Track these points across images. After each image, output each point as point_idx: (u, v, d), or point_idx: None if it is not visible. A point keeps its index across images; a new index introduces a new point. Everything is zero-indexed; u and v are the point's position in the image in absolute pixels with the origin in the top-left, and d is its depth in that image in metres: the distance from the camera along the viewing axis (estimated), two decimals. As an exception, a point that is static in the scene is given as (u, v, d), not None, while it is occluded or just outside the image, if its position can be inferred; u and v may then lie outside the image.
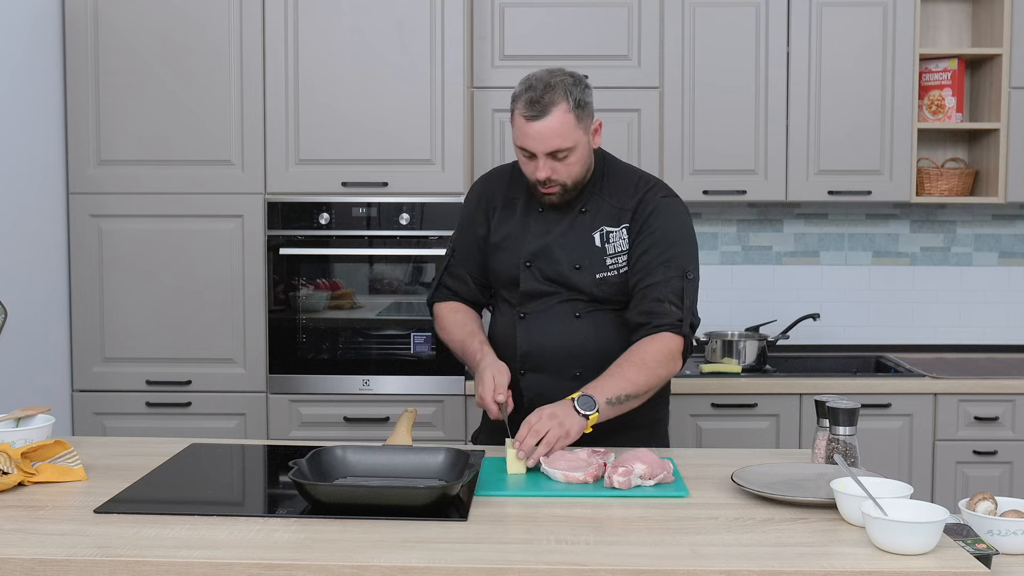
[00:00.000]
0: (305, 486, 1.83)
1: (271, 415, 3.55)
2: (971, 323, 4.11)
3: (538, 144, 2.25)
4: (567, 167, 2.29)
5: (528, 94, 2.24)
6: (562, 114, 2.23)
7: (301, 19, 3.50)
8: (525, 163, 2.33)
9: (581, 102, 2.26)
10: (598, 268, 2.36)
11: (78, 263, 3.56)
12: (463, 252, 2.52)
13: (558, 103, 2.22)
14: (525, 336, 2.41)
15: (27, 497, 1.92)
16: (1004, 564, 1.71)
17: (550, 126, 2.23)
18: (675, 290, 2.32)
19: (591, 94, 2.31)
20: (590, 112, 2.29)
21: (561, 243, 2.38)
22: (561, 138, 2.24)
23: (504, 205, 2.46)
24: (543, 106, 2.22)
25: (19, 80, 3.29)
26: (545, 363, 2.39)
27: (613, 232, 2.37)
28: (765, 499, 1.90)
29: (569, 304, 2.39)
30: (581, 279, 2.36)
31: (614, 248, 2.36)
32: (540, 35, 3.67)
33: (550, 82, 2.24)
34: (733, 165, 3.72)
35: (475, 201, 2.52)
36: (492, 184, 2.52)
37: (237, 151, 3.52)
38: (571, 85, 2.26)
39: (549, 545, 1.66)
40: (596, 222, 2.38)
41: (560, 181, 2.31)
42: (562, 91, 2.23)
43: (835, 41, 3.70)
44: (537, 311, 2.40)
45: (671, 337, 2.30)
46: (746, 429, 3.52)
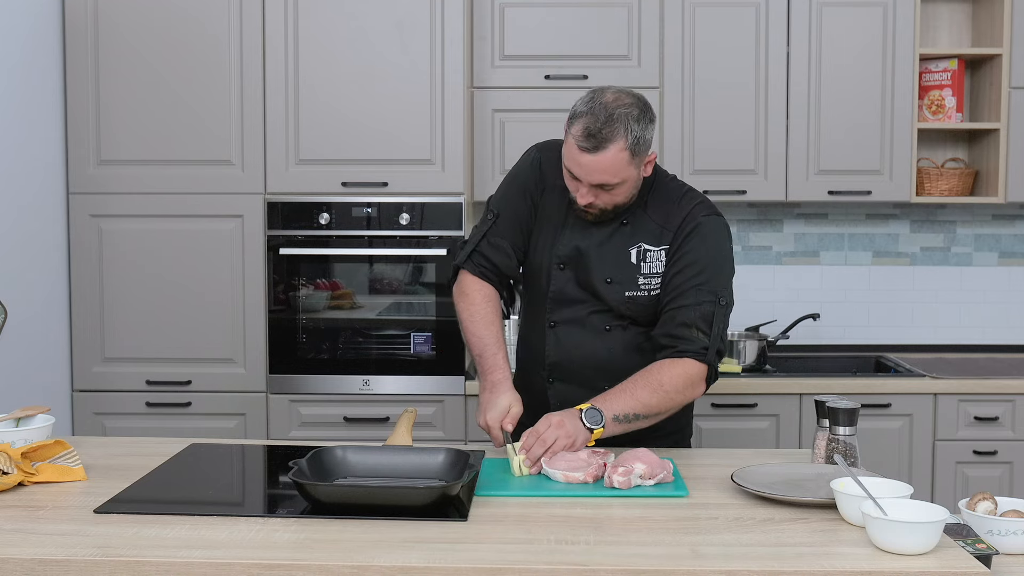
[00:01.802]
0: (305, 486, 1.83)
1: (271, 415, 3.55)
2: (971, 323, 4.11)
3: (585, 175, 2.18)
4: (612, 196, 2.22)
5: (586, 121, 2.13)
6: (617, 152, 2.13)
7: (301, 18, 3.50)
8: (569, 180, 2.24)
9: (640, 140, 2.15)
10: (629, 286, 2.29)
11: (78, 263, 3.56)
12: (508, 220, 2.37)
13: (616, 140, 2.12)
14: (554, 346, 2.36)
15: (27, 497, 1.92)
16: (1004, 564, 1.71)
17: (601, 163, 2.14)
18: (704, 315, 2.23)
19: (653, 128, 2.20)
20: (647, 146, 2.19)
21: (596, 252, 2.30)
22: (611, 175, 2.16)
23: (553, 191, 2.35)
24: (599, 140, 2.12)
25: (19, 80, 3.29)
26: (573, 374, 2.35)
27: (651, 251, 2.29)
28: (765, 499, 1.90)
29: (599, 316, 2.33)
30: (610, 293, 2.30)
31: (650, 268, 2.29)
32: (540, 35, 3.67)
33: (613, 114, 2.13)
34: (733, 165, 3.72)
35: (532, 170, 2.38)
36: (551, 159, 2.37)
37: (237, 151, 3.52)
38: (634, 120, 2.14)
39: (549, 545, 1.66)
40: (635, 237, 2.30)
41: (601, 207, 2.24)
42: (623, 127, 2.12)
43: (835, 41, 3.70)
44: (567, 320, 2.35)
45: (693, 364, 2.22)
46: (746, 429, 3.52)
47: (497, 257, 2.37)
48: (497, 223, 2.38)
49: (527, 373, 2.42)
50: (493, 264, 2.38)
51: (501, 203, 2.40)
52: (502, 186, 2.43)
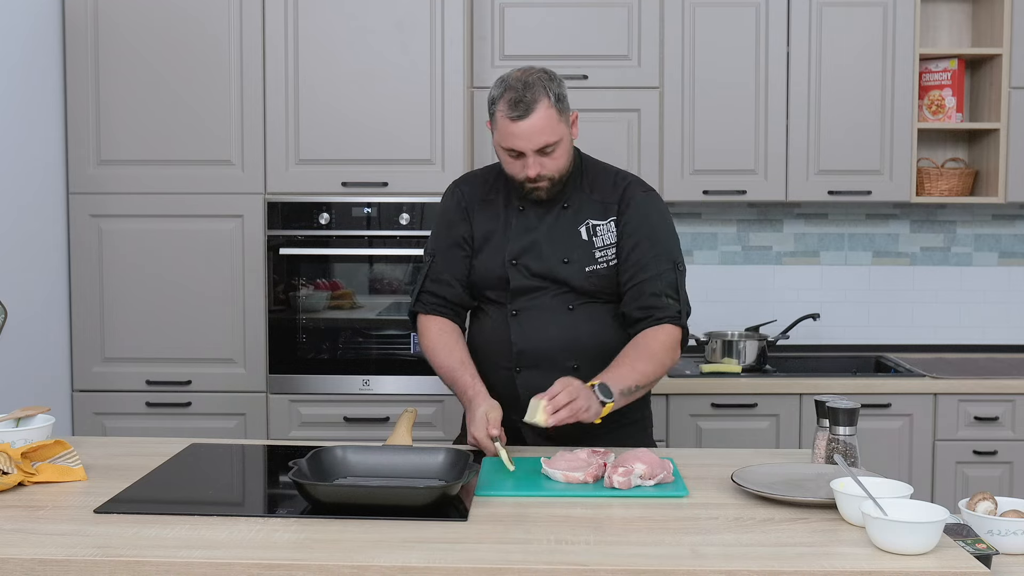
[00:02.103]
0: (305, 486, 1.83)
1: (271, 415, 3.55)
2: (971, 323, 4.11)
3: (526, 142, 2.27)
4: (555, 161, 2.32)
5: (509, 94, 2.27)
6: (545, 110, 2.26)
7: (301, 19, 3.50)
8: (511, 163, 2.33)
9: (560, 96, 2.29)
10: (587, 261, 2.37)
11: (78, 263, 3.56)
12: (444, 255, 2.47)
13: (540, 99, 2.26)
14: (519, 333, 2.40)
15: (27, 497, 1.92)
16: (1004, 564, 1.71)
17: (536, 123, 2.25)
18: (670, 283, 2.36)
19: (565, 86, 2.35)
20: (567, 105, 2.33)
21: (547, 238, 2.39)
22: (548, 133, 2.27)
23: (482, 207, 2.45)
24: (527, 104, 2.25)
25: (19, 80, 3.29)
26: (540, 358, 2.38)
27: (600, 225, 2.39)
28: (765, 499, 1.90)
29: (561, 297, 2.39)
30: (570, 273, 2.37)
31: (602, 241, 2.39)
32: (540, 35, 3.67)
33: (527, 80, 2.27)
34: (733, 165, 3.72)
35: (452, 204, 2.49)
36: (466, 187, 2.50)
37: (237, 151, 3.53)
38: (548, 81, 2.29)
39: (549, 545, 1.66)
40: (580, 216, 2.40)
41: (548, 175, 2.33)
42: (541, 87, 2.27)
43: (835, 41, 3.70)
44: (528, 307, 2.40)
45: (672, 328, 2.34)
46: (746, 429, 3.52)
47: (442, 290, 2.46)
48: (435, 260, 2.48)
49: (490, 367, 2.43)
50: (440, 297, 2.47)
51: (435, 243, 2.50)
52: (432, 231, 2.54)
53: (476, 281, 2.46)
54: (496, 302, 2.44)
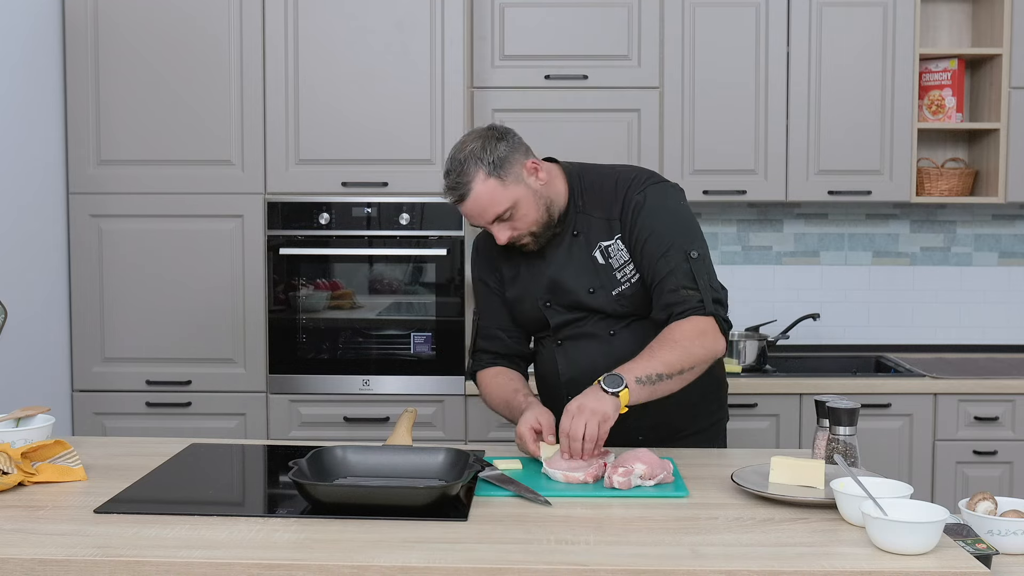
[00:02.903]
0: (305, 486, 1.83)
1: (271, 415, 3.55)
2: (971, 323, 4.11)
3: (479, 219, 2.25)
4: (522, 220, 2.26)
5: (446, 180, 2.23)
6: (482, 184, 2.19)
7: (301, 19, 3.50)
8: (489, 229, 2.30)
9: (496, 161, 2.20)
10: (611, 285, 2.31)
11: (78, 263, 3.56)
12: (489, 312, 2.45)
13: (475, 176, 2.19)
14: (565, 363, 2.37)
15: (27, 497, 1.92)
16: (1004, 564, 1.71)
17: (476, 201, 2.21)
18: (685, 274, 2.25)
19: (508, 144, 2.23)
20: (515, 160, 2.23)
21: (567, 273, 2.33)
22: (494, 205, 2.21)
23: (505, 261, 2.42)
24: (461, 187, 2.20)
25: (19, 80, 3.29)
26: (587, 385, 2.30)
27: (610, 245, 2.32)
28: (765, 499, 1.90)
29: (602, 323, 2.34)
30: (599, 301, 2.32)
31: (618, 261, 2.32)
32: (540, 35, 3.67)
33: (460, 158, 2.21)
34: (733, 165, 3.72)
35: (478, 260, 2.48)
36: (485, 246, 2.47)
37: (237, 151, 3.53)
38: (479, 151, 2.20)
39: (549, 545, 1.66)
40: (592, 241, 2.33)
41: (524, 234, 2.28)
42: (473, 162, 2.19)
43: (835, 41, 3.70)
44: (572, 336, 2.36)
45: (698, 319, 2.22)
46: (746, 429, 3.52)
47: (493, 345, 2.45)
48: (480, 320, 2.47)
49: (547, 398, 2.42)
50: (492, 353, 2.45)
51: (477, 303, 2.50)
52: (474, 297, 2.53)
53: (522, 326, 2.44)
54: (545, 336, 2.42)
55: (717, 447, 2.45)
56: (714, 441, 2.47)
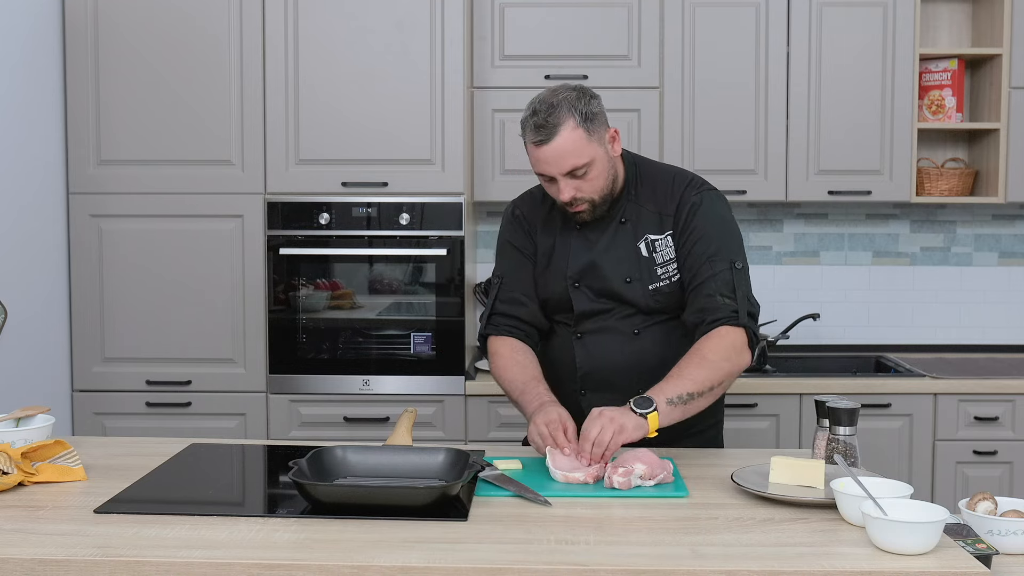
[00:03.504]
0: (305, 486, 1.83)
1: (271, 415, 3.55)
2: (971, 323, 4.11)
3: (553, 167, 2.19)
4: (590, 183, 2.23)
5: (533, 119, 2.18)
6: (570, 131, 2.17)
7: (301, 19, 3.50)
8: (548, 187, 2.27)
9: (588, 114, 2.19)
10: (649, 279, 2.29)
11: (78, 263, 3.56)
12: (513, 274, 2.39)
13: (565, 121, 2.16)
14: (584, 356, 2.34)
15: (27, 497, 1.92)
16: (1004, 564, 1.71)
17: (561, 146, 2.17)
18: (725, 282, 2.24)
19: (599, 103, 2.24)
20: (602, 122, 2.23)
21: (607, 258, 2.31)
22: (575, 156, 2.18)
23: (543, 227, 2.38)
24: (550, 128, 2.16)
25: (19, 80, 3.29)
26: (605, 382, 2.33)
27: (658, 240, 2.30)
28: (765, 499, 1.90)
29: (627, 320, 2.32)
30: (634, 293, 2.30)
31: (662, 257, 2.29)
32: (540, 35, 3.67)
33: (553, 102, 2.18)
34: (733, 165, 3.72)
35: (514, 224, 2.42)
36: (525, 207, 2.43)
37: (237, 151, 3.53)
38: (575, 100, 2.19)
39: (549, 545, 1.66)
40: (639, 231, 2.31)
41: (586, 198, 2.24)
42: (567, 108, 2.17)
43: (835, 41, 3.70)
44: (593, 330, 2.34)
45: (729, 330, 2.21)
46: (746, 429, 3.52)
47: (515, 310, 2.39)
48: (504, 282, 2.41)
49: (556, 387, 2.37)
50: (514, 317, 2.39)
51: (501, 266, 2.44)
52: (496, 255, 2.48)
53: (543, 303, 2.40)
54: (563, 323, 2.38)
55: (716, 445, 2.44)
56: (711, 443, 2.47)
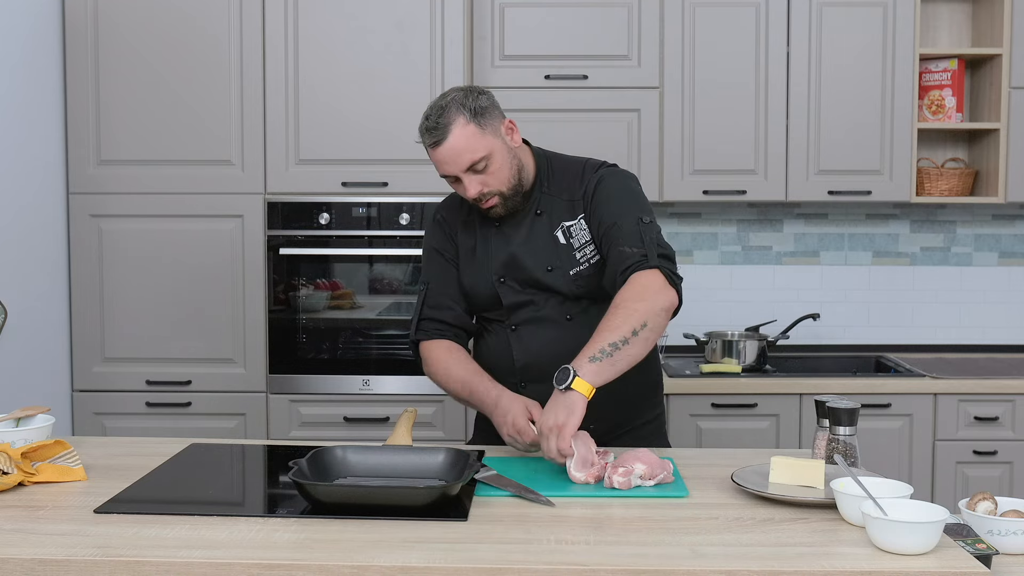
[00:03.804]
0: (305, 486, 1.83)
1: (271, 415, 3.55)
2: (971, 323, 4.11)
3: (452, 166, 2.24)
4: (493, 175, 2.26)
5: (426, 123, 2.24)
6: (461, 128, 2.21)
7: (301, 19, 3.50)
8: (456, 187, 2.31)
9: (478, 109, 2.23)
10: (569, 265, 2.33)
11: (78, 263, 3.56)
12: (439, 280, 2.44)
13: (455, 120, 2.21)
14: (520, 348, 2.37)
15: (27, 497, 1.92)
16: (1004, 564, 1.71)
17: (454, 144, 2.21)
18: (631, 235, 2.23)
19: (489, 98, 2.28)
20: (495, 115, 2.27)
21: (526, 250, 2.34)
22: (470, 152, 2.22)
23: (463, 228, 2.43)
24: (441, 129, 2.21)
25: (19, 80, 3.29)
26: (544, 371, 2.31)
27: (572, 225, 2.34)
28: (765, 499, 1.90)
29: (557, 308, 2.35)
30: (556, 280, 2.33)
31: (579, 241, 2.33)
32: (540, 35, 3.67)
33: (442, 104, 2.23)
34: (733, 165, 3.72)
35: (436, 229, 2.47)
36: (447, 211, 2.47)
37: (237, 151, 3.53)
38: (463, 98, 2.23)
39: (549, 545, 1.66)
40: (554, 220, 2.35)
41: (494, 191, 2.28)
42: (455, 107, 2.22)
43: (835, 41, 3.70)
44: (526, 320, 2.36)
45: (640, 274, 2.17)
46: (746, 429, 3.52)
47: (442, 315, 2.42)
48: (429, 287, 2.45)
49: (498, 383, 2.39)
50: (441, 322, 2.43)
51: (426, 272, 2.47)
52: (423, 261, 2.50)
53: (472, 304, 2.43)
54: (495, 320, 2.41)
55: (659, 443, 2.44)
56: (655, 435, 2.47)
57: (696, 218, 4.07)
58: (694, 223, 4.07)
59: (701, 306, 4.07)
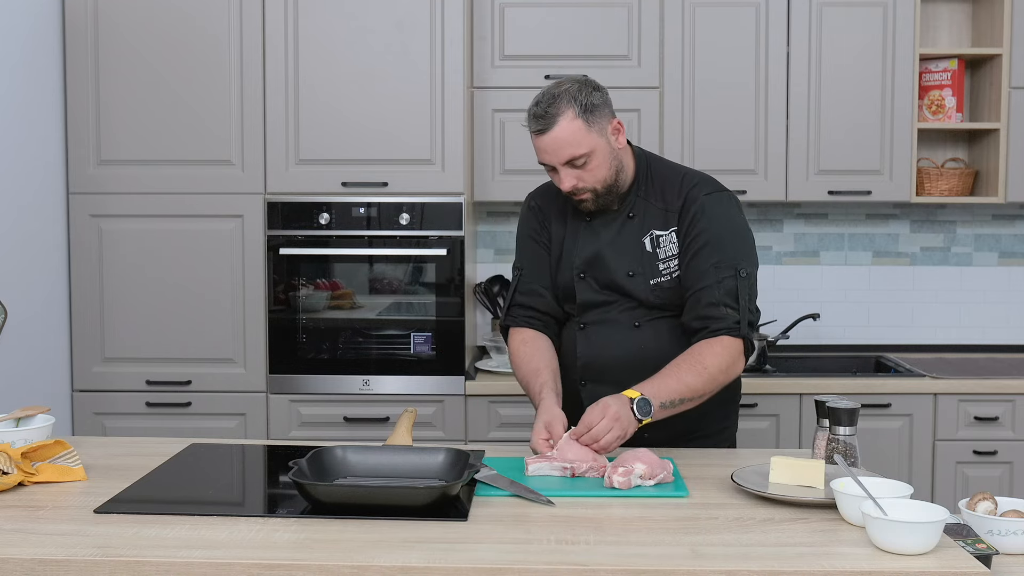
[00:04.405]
0: (305, 486, 1.83)
1: (271, 415, 3.55)
2: (971, 323, 4.11)
3: (552, 156, 2.24)
4: (591, 172, 2.26)
5: (535, 109, 2.24)
6: (569, 122, 2.21)
7: (301, 19, 3.50)
8: (552, 176, 2.31)
9: (589, 105, 2.22)
10: (651, 274, 2.32)
11: (78, 263, 3.56)
12: (532, 266, 2.45)
13: (563, 112, 2.21)
14: (585, 347, 2.38)
15: (27, 497, 1.92)
16: (1004, 564, 1.71)
17: (558, 136, 2.21)
18: (729, 291, 2.27)
19: (603, 95, 2.27)
20: (604, 113, 2.26)
21: (611, 250, 2.34)
22: (573, 146, 2.22)
23: (556, 218, 2.43)
24: (548, 118, 2.21)
25: (19, 80, 3.29)
26: (605, 374, 2.35)
27: (663, 236, 2.33)
28: (765, 499, 1.90)
29: (628, 313, 2.35)
30: (635, 286, 2.33)
31: (665, 252, 2.32)
32: (540, 35, 3.67)
33: (554, 93, 2.23)
34: (733, 165, 3.72)
35: (530, 216, 2.48)
36: (541, 199, 2.48)
37: (237, 151, 3.53)
38: (576, 91, 2.23)
39: (549, 545, 1.66)
40: (645, 226, 2.34)
41: (587, 188, 2.28)
42: (567, 99, 2.22)
43: (835, 41, 3.70)
44: (596, 321, 2.37)
45: (730, 340, 2.25)
46: (746, 429, 3.51)
47: (532, 301, 2.44)
48: (523, 274, 2.47)
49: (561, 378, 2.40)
50: (530, 308, 2.45)
51: (521, 259, 2.49)
52: (517, 247, 2.52)
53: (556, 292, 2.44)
54: (571, 314, 2.42)
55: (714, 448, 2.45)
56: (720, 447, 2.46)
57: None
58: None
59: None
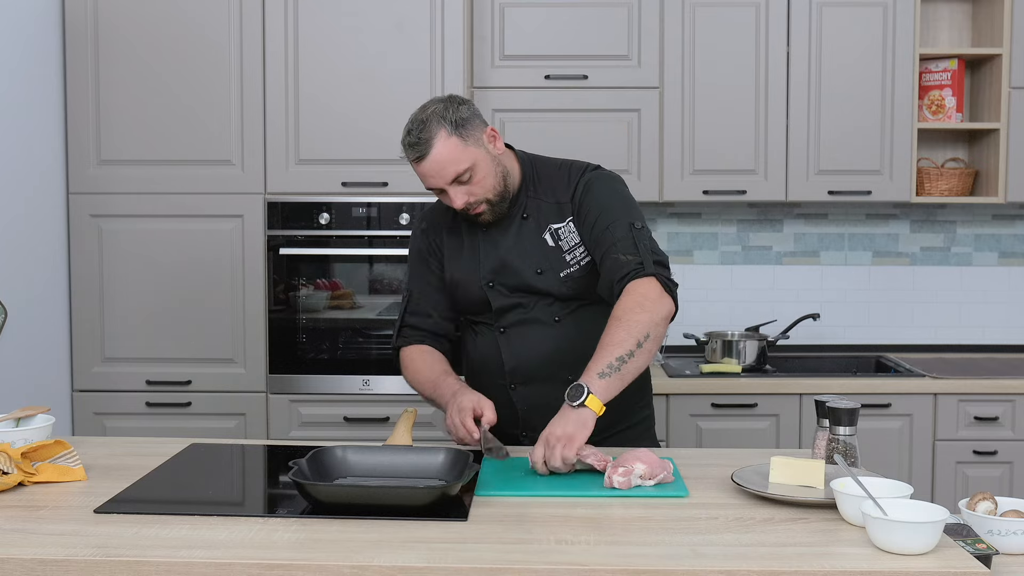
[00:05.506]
0: (305, 486, 1.83)
1: (271, 415, 3.55)
2: (971, 323, 4.11)
3: (437, 179, 2.24)
4: (479, 185, 2.27)
5: (407, 139, 2.24)
6: (443, 141, 2.21)
7: (301, 19, 3.50)
8: (443, 198, 2.31)
9: (459, 121, 2.23)
10: (560, 267, 2.33)
11: (78, 263, 3.56)
12: (421, 289, 2.47)
13: (436, 133, 2.21)
14: (508, 350, 2.38)
15: (27, 497, 1.92)
16: (1004, 564, 1.71)
17: (437, 158, 2.21)
18: (625, 242, 2.24)
19: (469, 108, 2.28)
20: (475, 124, 2.26)
21: (515, 254, 2.35)
22: (454, 163, 2.22)
23: (449, 234, 2.44)
24: (423, 143, 2.21)
25: (19, 80, 3.29)
26: (533, 373, 2.36)
27: (561, 228, 2.35)
28: (765, 499, 1.90)
29: (547, 309, 2.35)
30: (547, 282, 2.34)
31: (568, 244, 2.34)
32: (540, 35, 3.67)
33: (422, 118, 2.23)
34: (733, 165, 3.72)
35: (421, 238, 2.49)
36: (432, 218, 2.49)
37: (237, 151, 3.53)
38: (443, 111, 2.24)
39: (549, 545, 1.66)
40: (542, 223, 2.36)
41: (480, 200, 2.29)
42: (436, 120, 2.22)
43: (835, 41, 3.70)
44: (516, 322, 2.37)
45: (638, 282, 2.18)
46: (746, 429, 3.52)
47: (422, 323, 2.46)
48: (412, 296, 2.48)
49: (487, 385, 2.40)
50: (420, 330, 2.46)
51: (410, 281, 2.50)
52: (407, 270, 2.54)
53: (462, 311, 2.44)
54: (483, 323, 2.42)
55: (647, 444, 2.44)
56: (644, 437, 2.47)
57: (696, 218, 4.07)
58: (694, 223, 4.07)
59: (701, 306, 4.07)
